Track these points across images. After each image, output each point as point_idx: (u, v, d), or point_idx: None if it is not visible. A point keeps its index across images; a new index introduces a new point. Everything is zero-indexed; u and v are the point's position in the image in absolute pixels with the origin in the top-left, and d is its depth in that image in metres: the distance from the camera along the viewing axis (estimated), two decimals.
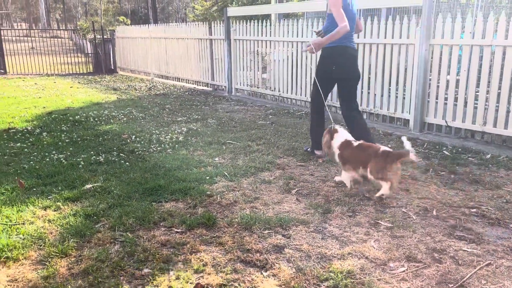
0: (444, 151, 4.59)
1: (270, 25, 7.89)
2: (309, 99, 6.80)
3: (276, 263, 2.39)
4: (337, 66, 4.14)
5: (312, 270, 2.32)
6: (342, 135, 3.60)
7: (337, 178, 3.68)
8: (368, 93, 6.27)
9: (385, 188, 3.25)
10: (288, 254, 2.50)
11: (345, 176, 3.51)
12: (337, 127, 3.72)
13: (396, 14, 6.07)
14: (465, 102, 5.22)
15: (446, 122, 5.36)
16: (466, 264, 2.40)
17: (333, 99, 6.82)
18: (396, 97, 5.94)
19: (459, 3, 9.77)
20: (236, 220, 2.92)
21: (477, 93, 5.16)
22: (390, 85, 5.99)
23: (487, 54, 4.91)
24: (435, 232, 2.76)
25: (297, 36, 7.29)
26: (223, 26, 8.96)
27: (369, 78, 6.23)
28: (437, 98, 5.46)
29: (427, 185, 3.62)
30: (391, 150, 3.31)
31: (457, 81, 5.29)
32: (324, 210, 3.07)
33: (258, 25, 8.09)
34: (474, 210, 3.12)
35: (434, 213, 3.06)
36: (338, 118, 6.32)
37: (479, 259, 2.45)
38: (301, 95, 7.42)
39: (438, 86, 5.41)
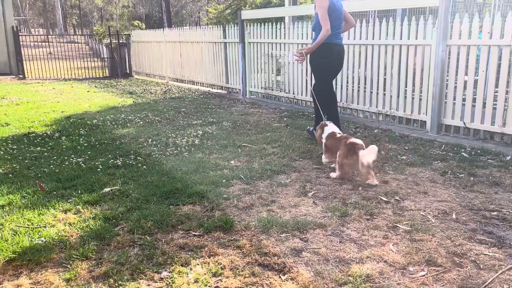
0: (463, 153, 4.53)
1: (284, 27, 7.89)
2: None
3: (294, 267, 2.39)
4: (328, 60, 4.71)
5: (331, 274, 2.31)
6: (330, 128, 4.08)
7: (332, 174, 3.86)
8: (384, 94, 6.22)
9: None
10: (306, 257, 2.49)
11: (324, 159, 4.10)
12: (327, 122, 4.22)
13: (411, 14, 6.01)
14: (484, 103, 5.14)
15: (464, 123, 5.29)
16: (487, 268, 2.36)
17: (348, 101, 6.79)
18: (413, 98, 5.87)
19: (476, 3, 9.64)
20: (253, 223, 2.92)
21: (496, 94, 5.07)
22: (406, 86, 5.93)
23: (506, 54, 4.83)
24: (455, 236, 2.72)
25: (311, 38, 7.27)
26: (237, 29, 8.99)
27: (384, 79, 6.18)
28: (454, 99, 5.39)
29: (446, 187, 3.58)
30: (357, 142, 3.66)
31: (475, 81, 5.21)
32: (341, 213, 3.06)
33: (272, 28, 8.10)
34: (495, 213, 3.06)
35: (454, 216, 3.02)
36: (354, 120, 6.30)
37: (501, 263, 2.40)
38: None
39: (455, 87, 5.34)
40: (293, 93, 7.91)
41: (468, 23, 5.11)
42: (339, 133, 3.99)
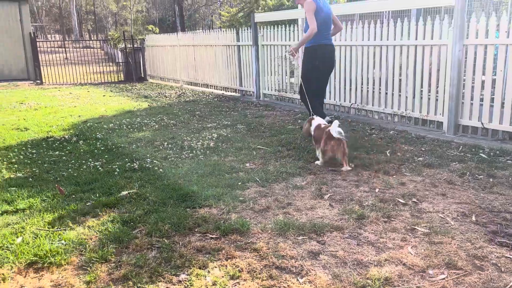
0: (481, 154, 4.45)
1: (297, 29, 7.88)
2: (338, 103, 6.85)
3: (312, 270, 2.38)
4: (319, 61, 5.12)
5: (349, 277, 2.30)
6: (317, 121, 4.45)
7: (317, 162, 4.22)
8: (399, 95, 6.16)
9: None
10: (324, 260, 2.48)
11: (319, 154, 4.25)
12: (314, 116, 4.60)
13: (426, 14, 5.95)
14: (502, 103, 5.05)
15: (482, 124, 5.21)
16: (509, 271, 2.32)
17: (363, 102, 6.75)
18: (429, 99, 5.81)
19: (492, 1, 9.49)
20: (270, 226, 2.92)
21: None
22: (422, 87, 5.87)
23: None
24: (475, 238, 2.68)
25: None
26: (251, 32, 9.02)
27: (400, 80, 6.13)
28: (472, 99, 5.31)
29: (465, 189, 3.53)
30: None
31: (493, 81, 5.13)
32: (358, 215, 3.04)
33: (285, 30, 8.10)
34: None
35: (473, 218, 2.98)
36: (369, 121, 6.25)
37: None
38: (329, 99, 7.37)
39: (473, 87, 5.27)
40: None
41: (485, 22, 5.04)
42: (324, 124, 4.37)
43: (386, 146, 4.88)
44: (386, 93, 6.36)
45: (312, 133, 4.42)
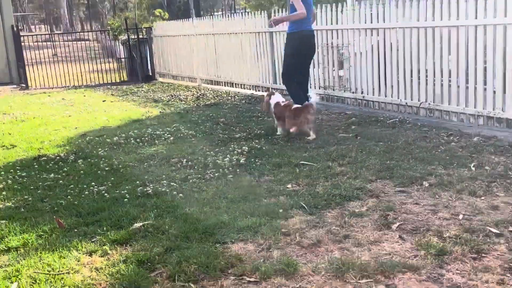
0: None
1: (347, 9, 7.93)
2: (403, 102, 6.86)
3: None
4: (300, 46, 6.54)
5: None
6: (277, 97, 6.31)
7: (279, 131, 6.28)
8: (485, 89, 6.07)
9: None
10: None
11: (279, 127, 6.26)
12: (274, 92, 6.62)
13: None
14: None
15: None
16: None
17: (436, 100, 6.69)
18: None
19: None
20: (323, 265, 2.95)
21: None
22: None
23: None
24: None
25: (384, 22, 7.26)
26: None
27: (485, 68, 6.04)
28: None
29: None
30: (299, 106, 5.94)
31: None
32: (437, 251, 3.02)
33: (331, 11, 8.15)
34: None
35: None
36: (445, 125, 6.18)
37: None
38: (392, 96, 7.35)
39: None
40: (362, 93, 7.90)
41: None
42: (282, 101, 6.22)
43: (470, 158, 4.82)
44: (467, 87, 6.29)
45: (273, 108, 6.23)
